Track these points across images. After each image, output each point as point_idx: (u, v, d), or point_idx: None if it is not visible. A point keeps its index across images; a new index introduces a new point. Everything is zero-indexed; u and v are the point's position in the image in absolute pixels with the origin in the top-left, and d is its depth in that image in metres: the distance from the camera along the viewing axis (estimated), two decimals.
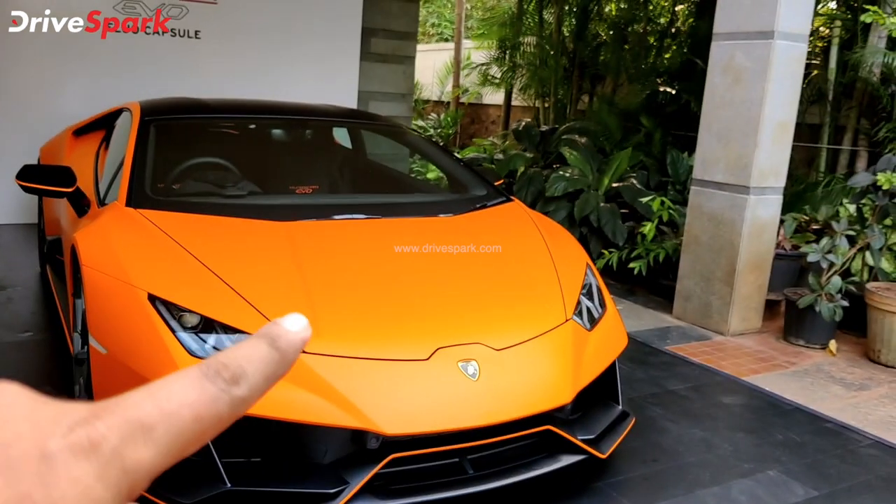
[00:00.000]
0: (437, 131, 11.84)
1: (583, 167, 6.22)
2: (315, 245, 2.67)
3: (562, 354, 2.42)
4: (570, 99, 8.34)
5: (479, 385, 2.21)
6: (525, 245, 2.98)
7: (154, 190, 2.94)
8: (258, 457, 2.15)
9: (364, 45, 7.84)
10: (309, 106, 4.10)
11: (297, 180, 3.62)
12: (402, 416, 2.09)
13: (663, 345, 4.29)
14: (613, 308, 2.84)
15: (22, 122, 6.10)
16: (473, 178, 3.59)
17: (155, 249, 2.48)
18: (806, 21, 4.30)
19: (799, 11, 4.23)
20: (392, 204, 3.35)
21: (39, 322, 3.99)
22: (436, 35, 17.01)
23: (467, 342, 2.29)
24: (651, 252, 5.34)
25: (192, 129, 3.71)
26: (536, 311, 2.54)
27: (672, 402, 3.41)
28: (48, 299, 4.27)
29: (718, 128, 4.50)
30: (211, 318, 2.18)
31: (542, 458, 2.36)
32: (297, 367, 2.08)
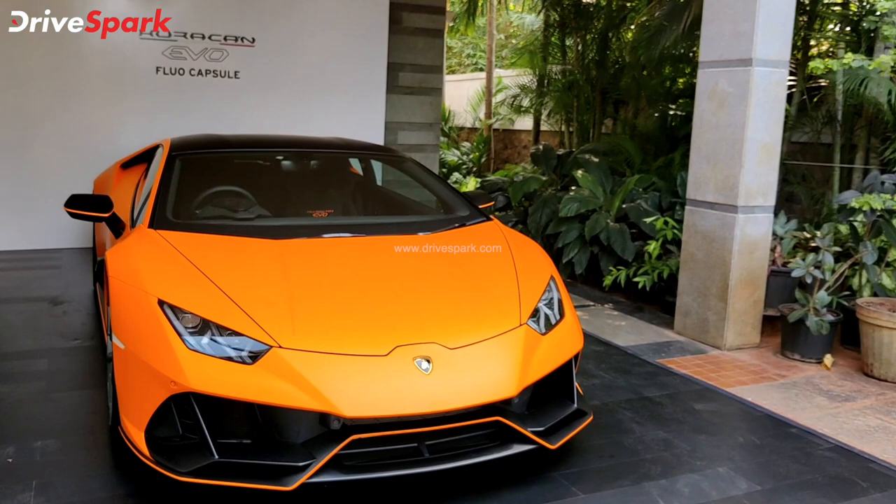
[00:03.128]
0: (469, 157, 12.23)
1: (594, 189, 6.48)
2: (302, 259, 3.07)
3: (511, 354, 2.72)
4: (594, 123, 8.62)
5: (430, 378, 2.53)
6: (492, 259, 3.29)
7: (175, 214, 3.39)
8: (247, 439, 2.52)
9: (392, 78, 8.32)
10: (318, 139, 4.55)
11: (305, 205, 4.03)
12: (360, 402, 2.44)
13: (655, 358, 4.50)
14: (572, 316, 3.12)
15: (81, 156, 6.77)
16: (459, 200, 3.95)
17: (167, 263, 2.92)
18: (784, 48, 4.52)
19: (776, 39, 4.46)
20: (377, 224, 3.75)
21: (88, 331, 4.52)
22: (471, 65, 17.52)
23: (424, 342, 2.63)
24: (656, 269, 5.56)
25: (213, 162, 4.18)
26: (492, 317, 2.86)
27: (644, 407, 3.65)
28: (96, 312, 4.80)
29: (707, 150, 4.73)
30: (208, 320, 2.59)
31: (494, 446, 2.65)
32: (275, 361, 2.46)
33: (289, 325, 2.60)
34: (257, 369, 2.46)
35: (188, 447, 2.49)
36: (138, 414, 2.57)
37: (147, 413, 2.53)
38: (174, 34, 7.21)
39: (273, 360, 2.48)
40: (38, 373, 3.81)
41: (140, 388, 2.60)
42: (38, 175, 6.73)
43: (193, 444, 2.49)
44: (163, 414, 2.52)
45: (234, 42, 7.48)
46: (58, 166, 6.78)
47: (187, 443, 2.51)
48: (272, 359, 2.48)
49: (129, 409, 2.64)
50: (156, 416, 2.52)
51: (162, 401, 2.49)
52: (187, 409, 2.48)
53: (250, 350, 2.51)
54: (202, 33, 7.32)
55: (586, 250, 6.28)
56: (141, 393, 2.59)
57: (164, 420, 2.54)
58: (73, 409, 3.34)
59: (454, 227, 3.63)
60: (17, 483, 2.63)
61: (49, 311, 4.99)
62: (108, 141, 6.85)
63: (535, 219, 6.77)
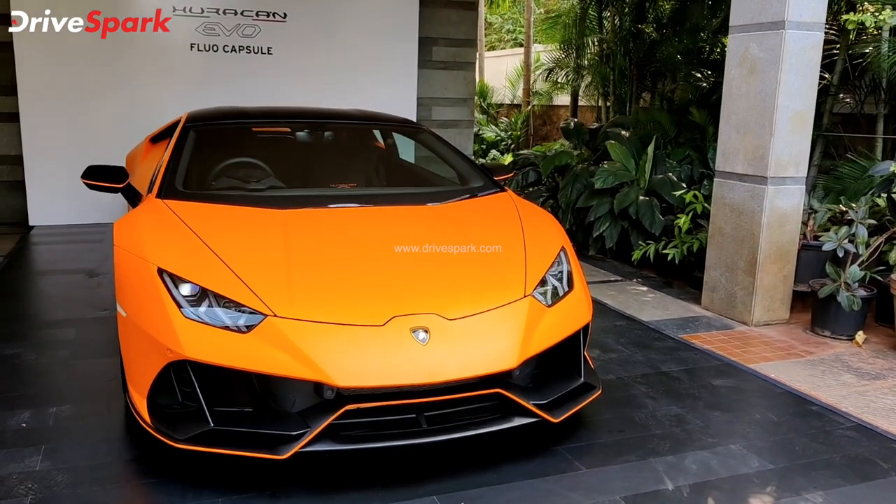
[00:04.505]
0: (507, 134, 12.08)
1: (626, 161, 6.33)
2: (304, 229, 3.06)
3: (512, 326, 2.67)
4: (631, 97, 8.41)
5: (427, 349, 2.51)
6: (500, 229, 3.23)
7: (186, 184, 3.42)
8: (248, 407, 2.54)
9: (425, 53, 8.25)
10: (335, 110, 4.53)
11: (321, 178, 4.03)
12: (353, 372, 2.43)
13: (679, 333, 4.40)
14: (581, 288, 3.05)
15: (122, 133, 6.92)
16: (474, 171, 3.89)
17: (169, 232, 2.95)
18: (820, 9, 4.30)
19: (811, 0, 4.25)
20: (385, 195, 3.72)
21: None
22: (511, 40, 17.25)
23: (422, 312, 2.60)
24: (685, 243, 5.42)
25: (228, 133, 4.20)
26: (495, 288, 2.81)
27: (659, 382, 3.56)
28: None
29: (736, 119, 4.56)
30: (206, 288, 2.61)
31: (494, 419, 2.62)
32: (270, 330, 2.47)
33: (285, 294, 2.60)
34: (252, 338, 2.47)
35: (187, 415, 2.53)
36: (140, 381, 2.62)
37: (147, 380, 2.57)
38: (206, 10, 7.28)
39: (268, 329, 2.49)
40: (66, 341, 3.93)
41: (140, 355, 2.65)
42: (83, 152, 6.91)
43: (192, 411, 2.52)
44: (163, 381, 2.56)
45: (266, 17, 7.51)
46: (101, 143, 6.96)
47: (186, 410, 2.55)
48: (267, 328, 2.49)
49: (133, 377, 2.69)
50: (157, 384, 2.56)
51: (160, 368, 2.52)
52: (186, 377, 2.51)
53: (246, 319, 2.53)
54: (234, 9, 7.38)
55: (616, 225, 6.16)
56: (141, 360, 2.63)
57: (165, 388, 2.58)
58: (92, 376, 3.43)
59: (464, 198, 3.58)
60: (27, 446, 2.72)
61: (84, 282, 5.15)
62: (146, 118, 6.97)
63: (566, 193, 6.66)
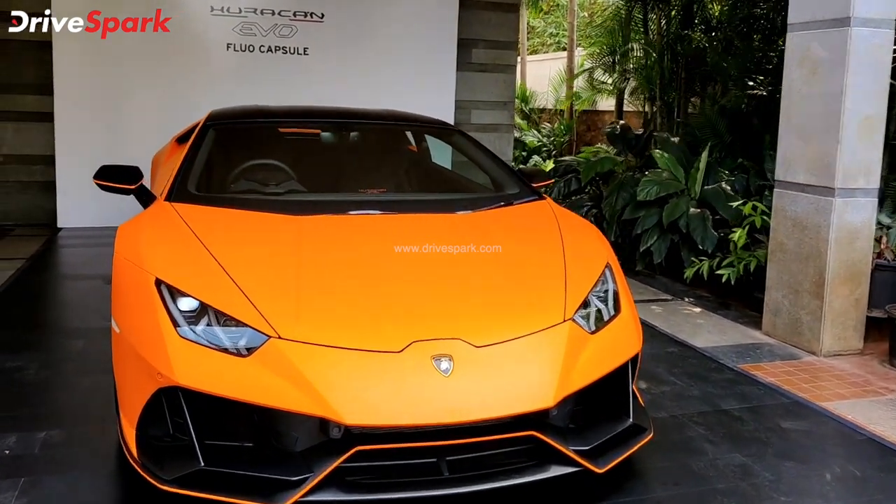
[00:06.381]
0: (549, 140, 11.68)
1: (674, 170, 5.89)
2: (320, 238, 2.73)
3: (550, 356, 2.29)
4: (679, 102, 7.95)
5: (450, 381, 2.15)
6: (538, 242, 2.86)
7: (199, 186, 3.13)
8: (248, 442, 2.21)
9: (464, 55, 7.94)
10: (363, 110, 4.19)
11: (347, 182, 3.71)
12: (364, 407, 2.08)
13: (738, 362, 3.96)
14: (629, 311, 2.66)
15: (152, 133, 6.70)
16: (510, 177, 3.52)
17: (172, 239, 2.64)
18: (889, 3, 3.85)
19: None
20: (411, 201, 3.36)
21: None
22: (554, 44, 16.82)
23: (446, 337, 2.24)
24: (742, 260, 4.96)
25: (249, 132, 3.91)
26: (531, 310, 2.44)
27: (719, 422, 3.13)
28: None
29: (797, 124, 4.13)
30: (206, 304, 2.29)
31: (528, 466, 2.25)
32: (273, 354, 2.14)
33: (292, 312, 2.27)
34: (252, 363, 2.14)
35: (177, 450, 2.20)
36: (130, 407, 2.31)
37: (137, 407, 2.26)
38: (244, 10, 7.10)
39: (271, 353, 2.16)
40: (72, 353, 3.68)
41: (131, 378, 2.34)
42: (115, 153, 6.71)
43: (183, 445, 2.20)
44: (154, 409, 2.25)
45: (304, 17, 7.30)
46: (133, 144, 6.77)
47: (177, 444, 2.23)
48: (270, 351, 2.16)
49: (123, 402, 2.39)
50: (147, 412, 2.25)
51: (150, 394, 2.21)
52: (178, 405, 2.19)
53: (248, 340, 2.20)
54: (272, 9, 7.20)
55: (665, 238, 5.71)
56: (132, 384, 2.33)
57: (156, 416, 2.26)
58: (92, 395, 3.14)
59: (499, 206, 3.22)
60: (5, 478, 2.42)
61: (101, 289, 4.89)
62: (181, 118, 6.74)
63: (611, 202, 6.24)
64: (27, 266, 5.39)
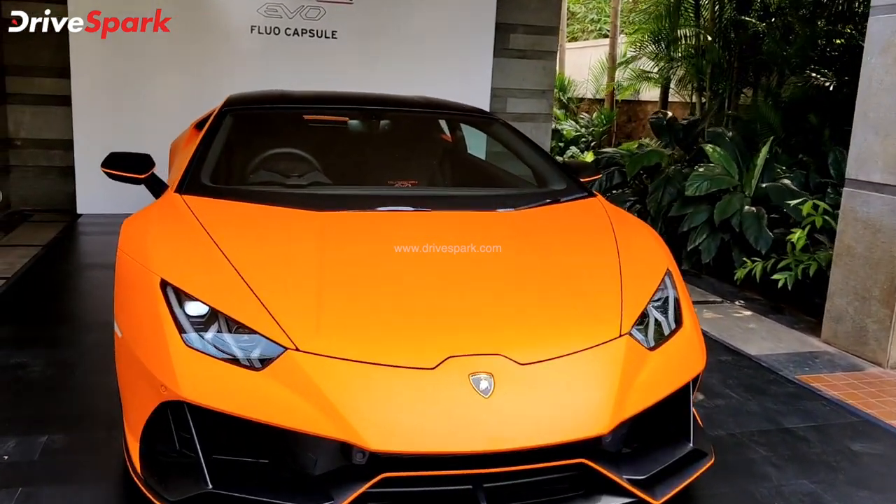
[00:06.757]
0: (588, 131, 11.29)
1: (727, 165, 5.53)
2: (344, 237, 2.47)
3: (605, 376, 2.02)
4: (730, 92, 7.53)
5: (490, 403, 1.89)
6: (589, 245, 2.58)
7: (214, 177, 2.90)
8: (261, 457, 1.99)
9: (502, 41, 7.61)
10: (394, 97, 3.91)
11: (377, 174, 3.45)
12: (391, 431, 1.83)
13: (796, 373, 3.64)
14: (692, 325, 2.37)
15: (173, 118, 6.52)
16: (555, 171, 3.22)
17: (181, 235, 2.41)
18: None
19: None
20: (446, 196, 3.07)
21: None
22: (595, 31, 16.31)
23: (486, 352, 1.99)
24: (800, 264, 4.61)
25: (270, 119, 3.66)
26: (582, 322, 2.17)
27: (784, 443, 2.83)
28: None
29: (876, 118, 3.75)
30: (217, 309, 2.06)
31: (575, 497, 1.99)
32: (289, 367, 1.90)
33: (313, 321, 2.02)
34: (265, 378, 1.91)
35: (184, 467, 1.98)
36: (134, 419, 2.10)
37: (140, 419, 2.04)
38: None
39: (287, 366, 1.92)
40: (82, 349, 3.49)
41: (134, 388, 2.12)
42: (135, 138, 6.55)
43: (190, 462, 1.97)
44: (158, 422, 2.03)
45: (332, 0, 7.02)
46: (154, 129, 6.55)
47: (184, 461, 2.00)
48: (286, 364, 1.92)
49: (127, 412, 2.17)
50: (151, 425, 2.03)
51: (154, 407, 1.99)
52: (185, 418, 1.97)
53: (262, 350, 1.97)
54: None
55: (715, 237, 5.37)
56: (135, 394, 2.11)
57: (160, 430, 2.05)
58: (100, 396, 2.94)
59: (544, 204, 2.93)
60: (1, 488, 2.24)
61: None
62: (202, 103, 6.54)
63: (656, 198, 5.90)
64: (42, 254, 5.23)
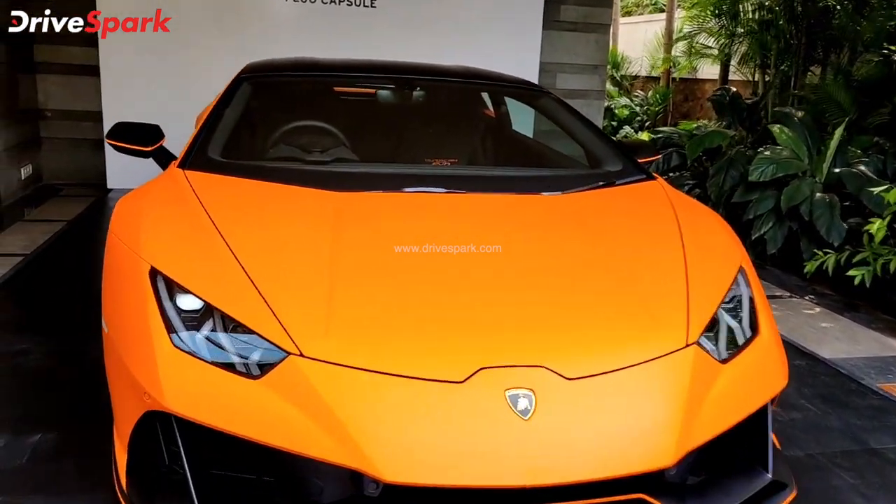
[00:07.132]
0: (642, 109, 10.76)
1: (797, 148, 5.05)
2: (363, 222, 2.15)
3: (668, 394, 1.68)
4: (796, 70, 6.98)
5: (530, 427, 1.56)
6: (648, 236, 2.22)
7: (225, 151, 2.60)
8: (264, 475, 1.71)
9: (552, 12, 7.18)
10: (431, 66, 3.53)
11: (407, 149, 3.13)
12: (410, 460, 1.52)
13: (879, 381, 3.24)
14: (770, 332, 2.00)
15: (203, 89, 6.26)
16: (610, 151, 2.84)
17: (177, 217, 2.13)
18: None
19: None
20: (484, 177, 2.69)
21: None
22: (650, 5, 15.60)
23: (525, 364, 1.66)
24: (880, 258, 4.14)
25: (293, 88, 3.35)
26: (641, 329, 1.81)
27: (873, 467, 2.45)
28: None
29: None
30: (212, 305, 1.77)
31: None
32: (291, 376, 1.61)
33: (321, 322, 1.72)
34: (263, 388, 1.61)
35: (172, 485, 1.72)
36: (122, 427, 1.83)
37: (128, 426, 1.78)
38: None
39: (288, 374, 1.62)
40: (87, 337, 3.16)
41: (121, 392, 1.85)
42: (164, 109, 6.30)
43: (179, 481, 1.70)
44: (146, 431, 1.76)
45: None
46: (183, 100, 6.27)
47: (174, 478, 1.73)
48: (287, 371, 1.62)
49: (116, 419, 1.91)
50: (137, 435, 1.77)
51: (139, 416, 1.72)
52: (173, 430, 1.69)
53: (261, 354, 1.67)
54: None
55: (782, 225, 4.91)
56: (123, 400, 1.84)
57: (147, 441, 1.78)
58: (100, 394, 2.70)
59: (597, 186, 2.57)
60: None
61: None
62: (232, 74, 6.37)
63: (717, 182, 5.45)
64: (65, 230, 5.02)
